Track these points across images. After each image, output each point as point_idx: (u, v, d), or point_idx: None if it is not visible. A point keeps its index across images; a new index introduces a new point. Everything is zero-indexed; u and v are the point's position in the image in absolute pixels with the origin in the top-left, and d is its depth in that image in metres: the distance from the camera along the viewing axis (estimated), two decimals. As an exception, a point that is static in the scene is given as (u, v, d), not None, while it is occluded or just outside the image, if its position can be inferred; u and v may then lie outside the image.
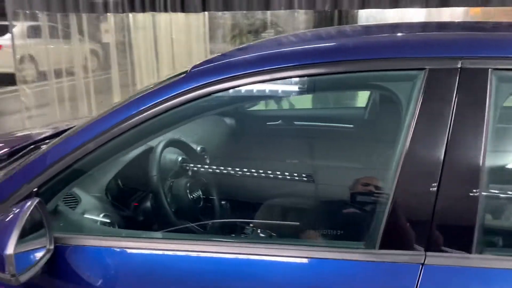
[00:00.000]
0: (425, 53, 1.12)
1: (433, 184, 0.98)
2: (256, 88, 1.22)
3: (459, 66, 1.05)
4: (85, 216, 1.35)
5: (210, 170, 1.83)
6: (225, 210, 1.67)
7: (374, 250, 0.99)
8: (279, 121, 2.48)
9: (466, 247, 0.95)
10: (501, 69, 1.04)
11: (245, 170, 1.79)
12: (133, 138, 1.25)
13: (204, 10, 4.81)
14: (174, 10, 4.92)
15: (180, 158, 1.75)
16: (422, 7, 4.02)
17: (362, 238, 1.05)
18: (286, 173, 1.73)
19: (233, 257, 1.09)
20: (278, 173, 1.73)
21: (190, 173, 1.74)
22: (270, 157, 1.93)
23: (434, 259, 0.96)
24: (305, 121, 2.53)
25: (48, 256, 1.12)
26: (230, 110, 2.24)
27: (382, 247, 0.99)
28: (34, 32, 5.51)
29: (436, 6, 3.98)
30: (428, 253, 0.97)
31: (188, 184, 1.56)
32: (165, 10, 4.94)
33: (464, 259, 0.95)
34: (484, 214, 0.95)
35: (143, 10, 4.94)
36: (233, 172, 1.81)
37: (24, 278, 1.04)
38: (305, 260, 1.03)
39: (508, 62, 1.05)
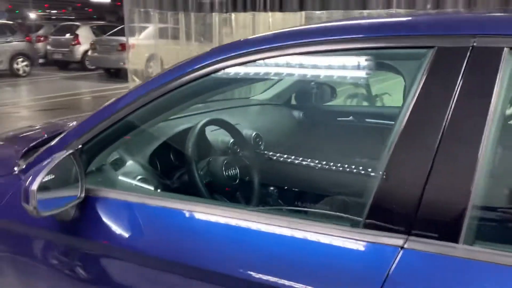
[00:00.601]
0: (435, 31, 1.07)
1: (424, 168, 0.93)
2: (262, 63, 1.27)
3: (471, 44, 0.98)
4: (124, 176, 1.48)
5: (256, 154, 1.95)
6: (256, 191, 1.76)
7: (358, 229, 0.98)
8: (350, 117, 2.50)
9: (452, 236, 0.89)
10: None
11: (289, 159, 1.96)
12: (166, 103, 1.35)
13: (301, 9, 5.82)
14: (272, 9, 5.76)
15: (231, 140, 1.91)
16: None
17: (350, 218, 1.05)
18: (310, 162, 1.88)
19: (236, 222, 1.12)
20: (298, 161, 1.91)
21: (234, 154, 1.88)
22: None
23: (416, 244, 0.91)
24: (369, 118, 2.49)
25: (76, 202, 1.26)
26: (301, 104, 2.50)
27: (366, 227, 0.97)
28: (161, 33, 5.95)
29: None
30: (410, 238, 0.92)
31: (225, 162, 1.67)
32: (265, 10, 5.69)
33: (448, 248, 0.88)
34: (476, 204, 0.89)
35: (245, 9, 5.54)
36: (277, 159, 1.99)
37: (44, 214, 1.20)
38: (299, 233, 1.03)
39: None
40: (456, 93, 0.96)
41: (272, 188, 1.81)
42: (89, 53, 13.08)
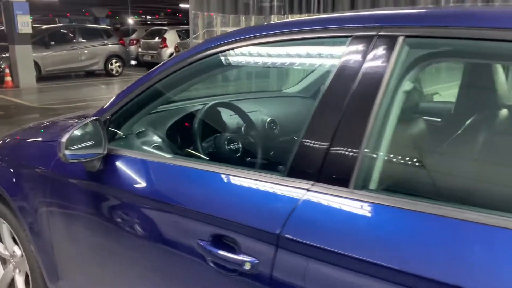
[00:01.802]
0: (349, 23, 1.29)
1: (328, 134, 1.16)
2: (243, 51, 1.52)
3: (375, 33, 1.19)
4: (142, 143, 1.79)
5: (260, 135, 2.24)
6: (243, 157, 2.01)
7: (284, 177, 1.22)
8: None
9: (344, 183, 1.11)
10: (413, 37, 1.15)
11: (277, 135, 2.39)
12: (173, 81, 1.66)
13: (352, 9, 6.12)
14: (326, 10, 6.11)
15: (242, 122, 2.23)
16: None
17: (280, 168, 1.30)
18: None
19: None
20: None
21: (243, 133, 2.18)
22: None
23: (318, 187, 1.15)
24: None
25: (99, 156, 1.60)
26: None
27: (289, 175, 1.22)
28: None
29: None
30: (316, 183, 1.16)
31: (228, 137, 1.98)
32: (318, 11, 6.07)
33: (341, 191, 1.11)
34: (363, 161, 1.11)
35: (300, 12, 5.96)
36: (272, 137, 2.41)
37: (71, 160, 1.55)
38: (248, 181, 1.30)
39: (422, 29, 1.15)
40: (360, 73, 1.17)
41: (250, 152, 2.13)
42: (174, 55, 14.15)
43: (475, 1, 4.69)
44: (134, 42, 17.38)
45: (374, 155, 1.16)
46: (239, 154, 2.00)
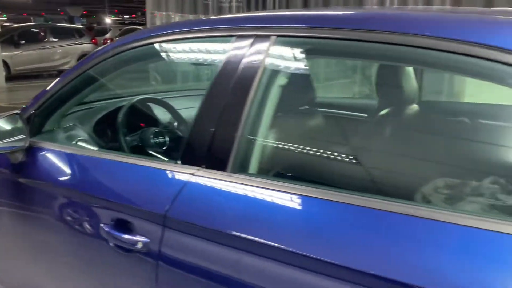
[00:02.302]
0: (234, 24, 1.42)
1: (212, 122, 1.28)
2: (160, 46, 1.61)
3: (254, 33, 1.31)
4: (67, 137, 1.84)
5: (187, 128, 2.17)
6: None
7: (176, 164, 1.34)
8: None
9: (223, 167, 1.23)
10: (282, 36, 1.29)
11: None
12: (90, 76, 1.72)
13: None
14: None
15: (171, 117, 2.30)
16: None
17: (178, 156, 1.37)
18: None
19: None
20: None
21: (171, 128, 2.23)
22: None
23: (202, 172, 1.25)
24: None
25: (20, 149, 1.69)
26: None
27: (182, 162, 1.33)
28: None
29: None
30: (200, 168, 1.26)
31: (154, 131, 2.04)
32: None
33: (220, 175, 1.22)
34: (239, 145, 1.23)
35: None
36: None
37: None
38: (145, 169, 1.43)
39: (288, 30, 1.29)
40: (239, 68, 1.28)
41: (176, 145, 2.17)
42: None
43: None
44: (108, 41, 17.34)
45: (249, 143, 1.27)
46: (165, 148, 2.08)
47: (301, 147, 1.49)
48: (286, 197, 1.12)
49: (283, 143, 1.48)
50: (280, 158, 1.47)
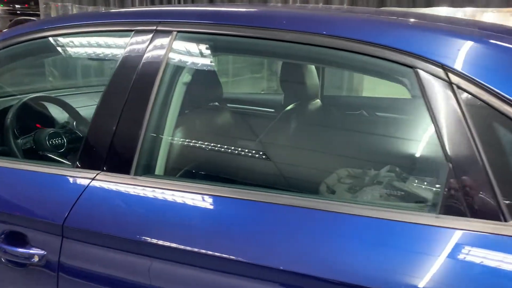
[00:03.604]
0: (132, 18, 1.37)
1: (113, 123, 1.21)
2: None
3: (154, 28, 1.27)
4: None
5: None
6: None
7: (74, 168, 1.25)
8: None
9: (126, 170, 1.17)
10: (184, 32, 1.26)
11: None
12: None
13: None
14: (186, 1, 6.04)
15: (68, 116, 2.11)
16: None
17: (72, 160, 1.35)
18: None
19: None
20: None
21: (65, 128, 2.05)
22: None
23: (102, 176, 1.19)
24: None
25: None
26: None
27: (81, 166, 1.24)
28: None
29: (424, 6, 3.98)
30: (102, 172, 1.20)
31: (49, 133, 1.87)
32: (185, 1, 5.97)
33: (123, 178, 1.16)
34: (143, 146, 1.18)
35: (161, 2, 5.82)
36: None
37: None
38: (38, 175, 1.31)
39: (190, 25, 1.26)
40: (140, 65, 1.23)
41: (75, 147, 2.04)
42: None
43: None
44: (-4, 33, 15.85)
45: (153, 143, 1.22)
46: (62, 150, 1.94)
47: (208, 145, 1.47)
48: (193, 198, 1.09)
49: (189, 141, 1.44)
50: (186, 158, 1.43)
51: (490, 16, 3.95)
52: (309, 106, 1.85)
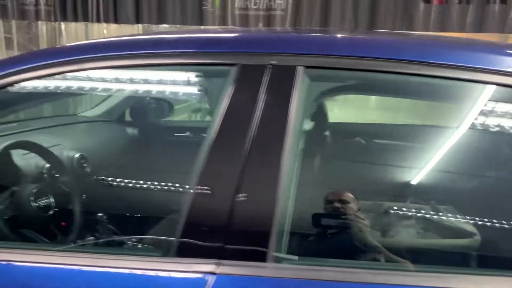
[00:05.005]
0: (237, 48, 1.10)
1: (229, 189, 0.93)
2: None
3: (269, 62, 1.03)
4: None
5: (77, 178, 1.71)
6: (80, 221, 1.53)
7: (169, 258, 0.93)
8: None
9: (260, 256, 0.89)
10: (309, 67, 1.03)
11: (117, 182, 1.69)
12: None
13: (137, 22, 5.51)
14: (107, 21, 5.36)
15: (46, 165, 1.61)
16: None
17: (160, 246, 1.01)
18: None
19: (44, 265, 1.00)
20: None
21: (54, 180, 1.61)
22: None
23: (227, 268, 0.90)
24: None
25: None
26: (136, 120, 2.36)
27: (177, 254, 0.93)
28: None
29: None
30: (223, 262, 0.91)
31: (34, 191, 1.42)
32: (98, 21, 5.27)
33: (258, 268, 0.89)
34: (281, 221, 0.91)
35: (76, 19, 5.07)
36: (102, 181, 1.73)
37: None
38: (98, 268, 0.96)
39: (315, 60, 1.04)
40: (255, 111, 0.99)
41: (66, 208, 1.62)
42: None
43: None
44: None
45: (296, 213, 0.98)
46: (51, 212, 1.49)
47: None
48: None
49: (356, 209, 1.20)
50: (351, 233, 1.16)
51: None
52: None
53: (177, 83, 1.31)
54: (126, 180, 1.72)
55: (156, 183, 1.67)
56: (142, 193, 1.68)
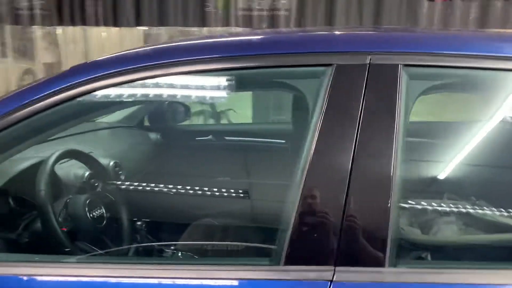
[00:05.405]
0: (332, 48, 1.06)
1: (341, 193, 0.89)
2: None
3: (367, 61, 0.99)
4: None
5: (120, 186, 1.67)
6: (133, 231, 1.49)
7: (278, 266, 0.89)
8: (208, 136, 2.39)
9: (378, 261, 0.86)
10: (411, 65, 0.99)
11: (160, 187, 1.65)
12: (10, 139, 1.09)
13: (138, 25, 5.38)
14: (106, 24, 5.23)
15: (87, 173, 1.59)
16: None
17: (268, 254, 0.96)
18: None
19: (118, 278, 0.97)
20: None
21: (95, 189, 1.58)
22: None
23: (344, 274, 0.87)
24: (231, 136, 2.44)
25: None
26: (154, 124, 2.32)
27: (287, 263, 0.89)
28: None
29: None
30: (338, 268, 0.87)
31: (87, 201, 1.38)
32: (97, 24, 5.14)
33: (376, 273, 0.86)
34: (397, 225, 0.89)
35: (73, 23, 4.92)
36: (148, 189, 1.66)
37: None
38: (207, 280, 0.91)
39: (418, 58, 1.00)
40: (360, 112, 0.96)
41: (151, 227, 1.58)
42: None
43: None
44: None
45: (412, 211, 1.02)
46: (104, 223, 1.44)
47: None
48: None
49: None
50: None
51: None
52: None
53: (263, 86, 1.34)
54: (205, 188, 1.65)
55: (246, 190, 1.63)
56: (232, 201, 1.63)
